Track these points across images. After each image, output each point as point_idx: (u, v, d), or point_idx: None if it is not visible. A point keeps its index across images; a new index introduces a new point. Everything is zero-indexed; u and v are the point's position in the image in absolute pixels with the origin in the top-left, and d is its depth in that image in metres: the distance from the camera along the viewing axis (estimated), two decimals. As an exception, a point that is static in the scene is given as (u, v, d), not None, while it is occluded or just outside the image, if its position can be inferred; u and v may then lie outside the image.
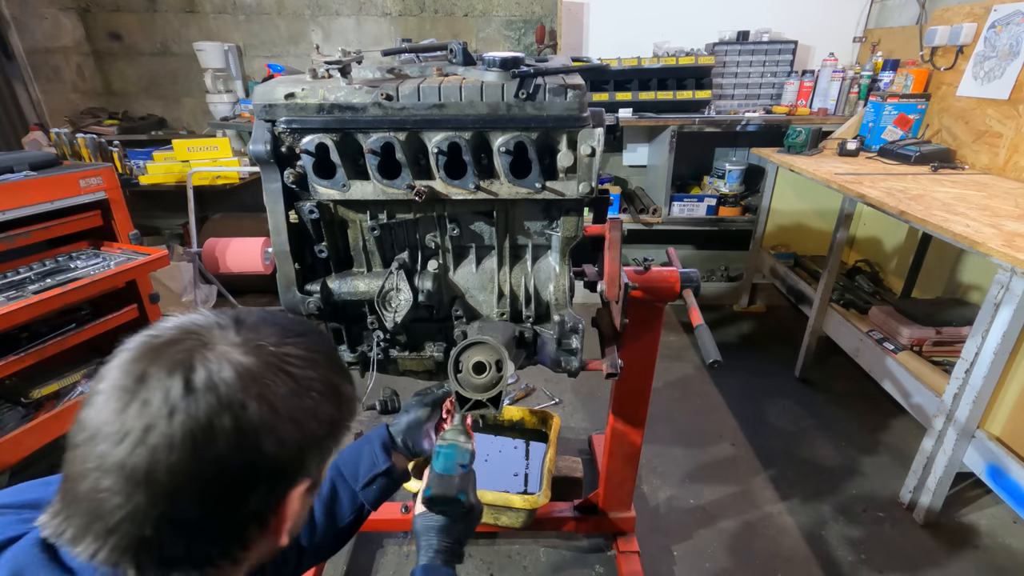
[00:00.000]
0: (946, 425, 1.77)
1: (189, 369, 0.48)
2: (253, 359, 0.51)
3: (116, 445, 0.45)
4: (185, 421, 0.46)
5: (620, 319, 1.16)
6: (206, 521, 0.49)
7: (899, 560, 1.79)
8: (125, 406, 0.46)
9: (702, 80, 2.99)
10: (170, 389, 0.46)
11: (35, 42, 3.34)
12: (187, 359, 0.48)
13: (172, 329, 0.52)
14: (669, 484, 2.10)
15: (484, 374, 0.92)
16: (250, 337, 0.53)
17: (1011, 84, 2.23)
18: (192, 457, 0.46)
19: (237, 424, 0.47)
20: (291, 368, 0.53)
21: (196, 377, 0.47)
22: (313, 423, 0.54)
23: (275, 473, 0.52)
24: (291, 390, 0.52)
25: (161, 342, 0.50)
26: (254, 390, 0.49)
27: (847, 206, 2.40)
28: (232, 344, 0.51)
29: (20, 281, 1.87)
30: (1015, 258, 1.44)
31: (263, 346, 0.53)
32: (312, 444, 0.54)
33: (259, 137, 0.92)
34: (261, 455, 0.49)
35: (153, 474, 0.45)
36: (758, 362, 2.89)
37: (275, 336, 0.55)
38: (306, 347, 0.56)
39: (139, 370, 0.48)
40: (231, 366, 0.49)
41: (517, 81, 0.90)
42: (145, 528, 0.46)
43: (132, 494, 0.45)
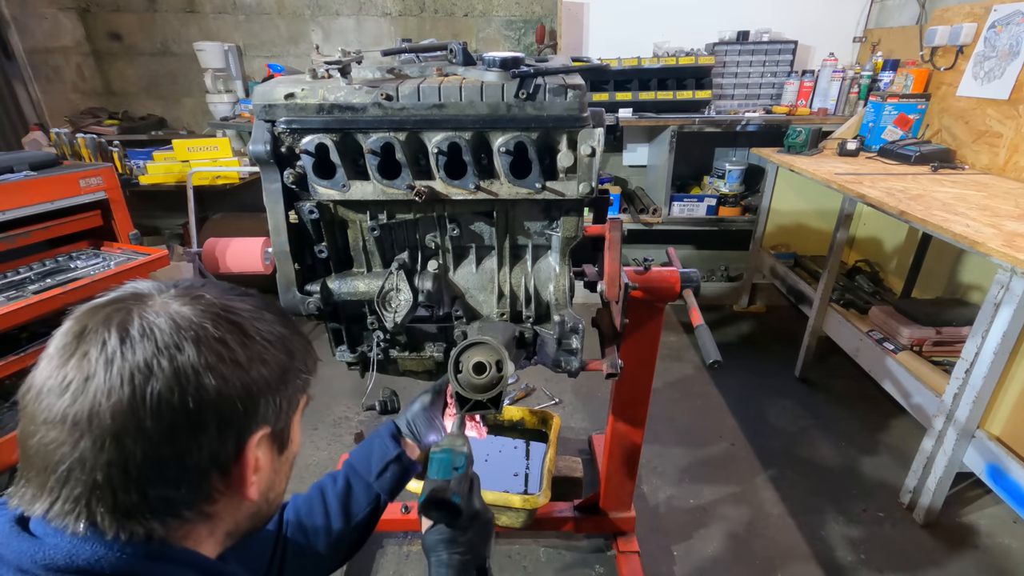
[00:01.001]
0: (946, 425, 1.77)
1: (126, 321, 0.49)
2: (191, 308, 0.52)
3: (59, 397, 0.47)
4: (122, 367, 0.47)
5: (620, 319, 1.15)
6: (157, 464, 0.49)
7: (899, 560, 1.79)
8: (65, 361, 0.48)
9: (702, 80, 2.99)
10: (107, 340, 0.47)
11: (35, 42, 3.34)
12: (124, 314, 0.50)
13: (114, 292, 0.54)
14: (669, 484, 2.10)
15: (484, 374, 0.92)
16: (190, 293, 0.54)
17: (1011, 84, 2.23)
18: (132, 397, 0.46)
19: (174, 365, 0.48)
20: (235, 318, 0.54)
21: (132, 328, 0.48)
22: (260, 367, 0.54)
23: (223, 414, 0.51)
24: (235, 337, 0.53)
25: (101, 302, 0.52)
26: (190, 334, 0.50)
27: (847, 206, 2.40)
28: (170, 298, 0.53)
29: (20, 281, 1.87)
30: (1015, 258, 1.44)
31: (202, 296, 0.54)
32: (262, 388, 0.54)
33: (259, 137, 0.92)
34: (203, 393, 0.49)
35: (95, 418, 0.46)
36: (758, 362, 2.89)
37: (218, 293, 0.56)
38: (252, 303, 0.57)
39: (78, 328, 0.49)
40: (167, 315, 0.50)
41: (517, 81, 0.89)
42: (96, 473, 0.46)
43: (78, 441, 0.46)
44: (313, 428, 2.40)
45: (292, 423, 0.62)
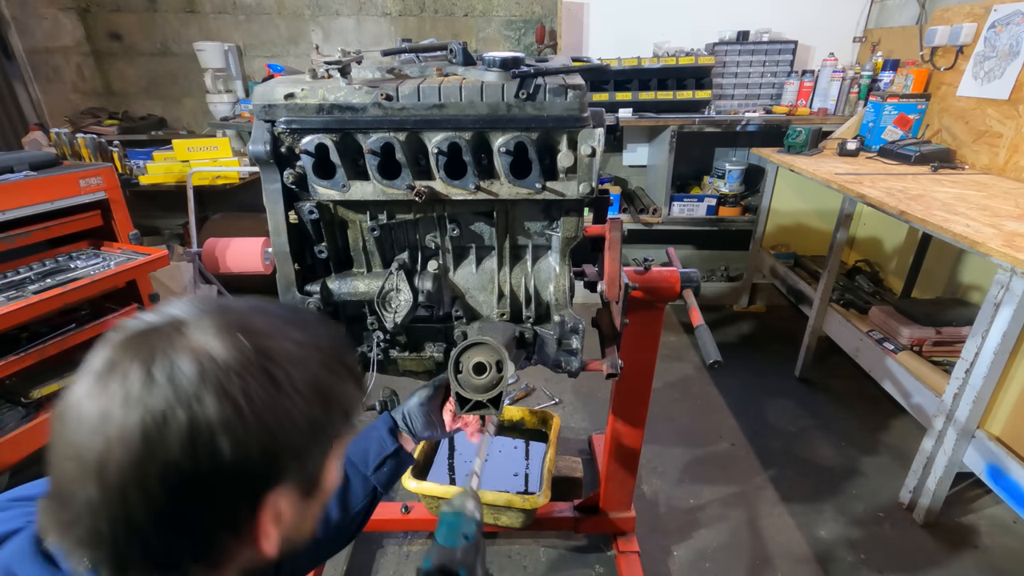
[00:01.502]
0: (946, 425, 1.77)
1: (152, 358, 0.46)
2: (224, 352, 0.47)
3: (77, 427, 0.45)
4: (140, 412, 0.44)
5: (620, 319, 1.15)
6: (161, 525, 0.46)
7: (899, 560, 1.79)
8: (91, 392, 0.46)
9: (702, 80, 2.99)
10: (131, 378, 0.45)
11: (35, 42, 3.34)
12: (155, 348, 0.47)
13: (157, 316, 0.50)
14: (669, 484, 2.10)
15: (484, 375, 0.93)
16: (231, 327, 0.49)
17: (1011, 84, 2.23)
18: (142, 452, 0.44)
19: (192, 421, 0.44)
20: (269, 364, 0.49)
21: (157, 368, 0.45)
22: (288, 427, 0.49)
23: (237, 479, 0.47)
24: (264, 389, 0.48)
25: (140, 329, 0.49)
26: (216, 386, 0.46)
27: (847, 206, 2.40)
28: (208, 334, 0.48)
29: (20, 281, 1.87)
30: (1015, 258, 1.44)
31: (240, 339, 0.49)
32: (284, 447, 0.50)
33: (259, 137, 0.92)
34: (217, 458, 0.45)
35: (104, 465, 0.44)
36: (758, 362, 2.89)
37: (262, 328, 0.51)
38: (297, 342, 0.52)
39: (111, 357, 0.47)
40: (195, 358, 0.46)
41: (517, 81, 0.89)
42: (100, 523, 0.45)
43: (85, 484, 0.44)
44: (313, 428, 2.40)
45: (324, 468, 0.57)
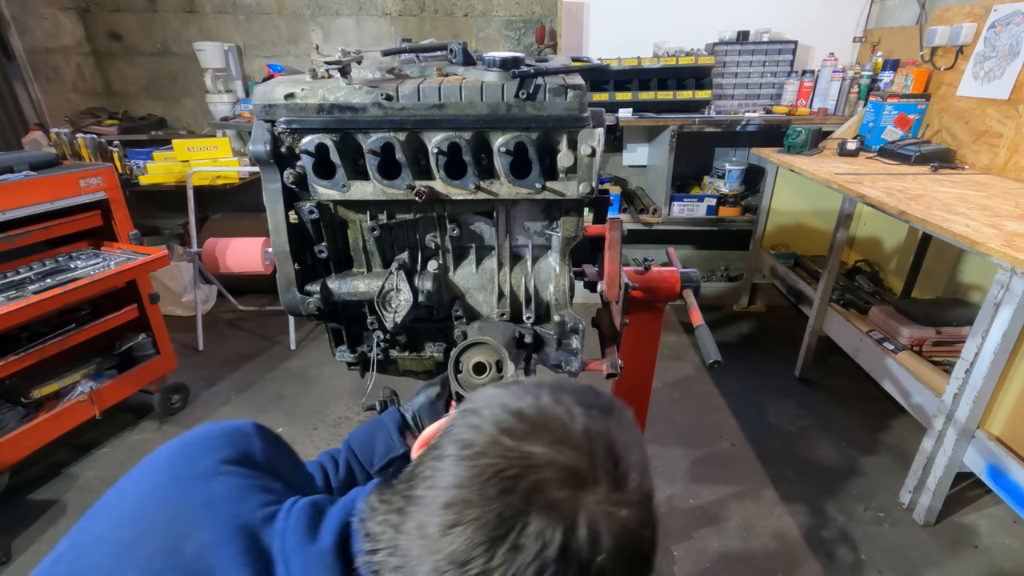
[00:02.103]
0: (946, 425, 1.77)
1: (571, 528, 0.40)
2: (624, 535, 0.43)
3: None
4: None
5: (620, 319, 1.15)
6: None
7: (899, 560, 1.79)
8: (494, 542, 0.40)
9: (702, 80, 2.99)
10: (548, 547, 0.40)
11: (35, 42, 3.34)
12: (570, 513, 0.41)
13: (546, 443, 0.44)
14: (669, 484, 2.10)
15: (484, 374, 0.93)
16: (623, 497, 0.45)
17: (1011, 84, 2.23)
18: None
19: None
20: (647, 550, 0.46)
21: (575, 542, 0.40)
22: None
23: None
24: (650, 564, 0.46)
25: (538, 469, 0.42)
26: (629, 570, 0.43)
27: (847, 206, 2.40)
28: (607, 504, 0.43)
29: (20, 281, 1.87)
30: (1015, 258, 1.44)
31: (631, 517, 0.44)
32: None
33: (259, 137, 0.92)
34: None
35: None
36: (758, 362, 2.89)
37: (638, 496, 0.46)
38: (652, 501, 0.49)
39: (520, 507, 0.41)
40: (613, 543, 0.41)
41: (517, 81, 0.89)
42: None
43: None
44: (313, 428, 2.40)
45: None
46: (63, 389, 2.12)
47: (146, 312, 2.30)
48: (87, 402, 2.08)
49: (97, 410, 2.11)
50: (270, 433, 0.64)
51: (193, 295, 3.11)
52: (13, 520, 1.91)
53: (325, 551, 0.48)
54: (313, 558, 0.48)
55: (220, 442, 0.58)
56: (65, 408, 2.03)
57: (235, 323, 3.30)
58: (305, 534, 0.49)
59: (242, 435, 0.60)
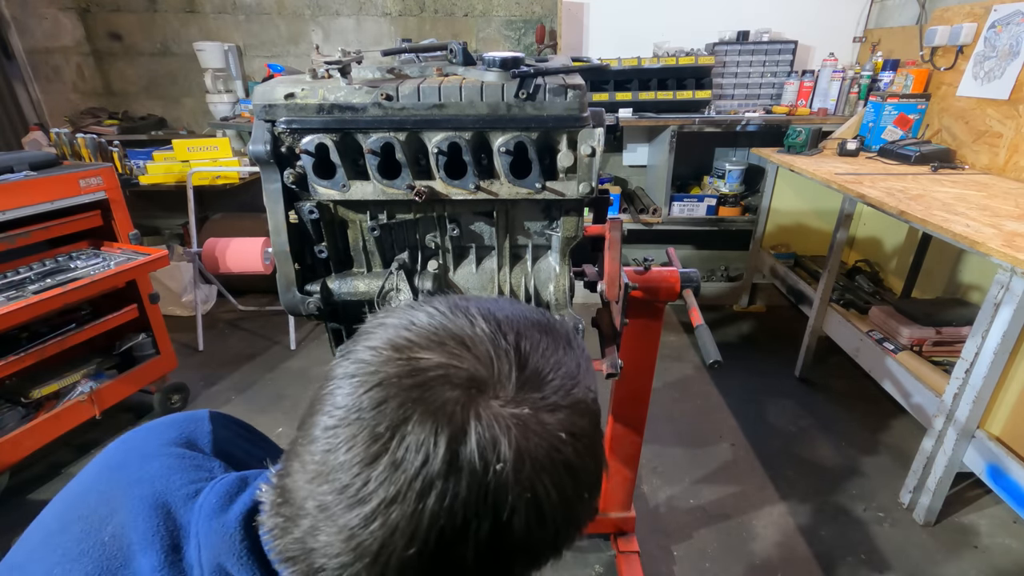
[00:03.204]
0: (946, 425, 1.77)
1: (459, 436, 0.36)
2: (537, 441, 0.38)
3: (348, 509, 0.36)
4: (434, 510, 0.35)
5: (620, 319, 1.15)
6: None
7: (899, 560, 1.79)
8: (371, 459, 0.36)
9: (702, 80, 2.99)
10: (431, 459, 0.35)
11: (35, 42, 3.34)
12: (458, 418, 0.36)
13: (441, 352, 0.39)
14: (669, 484, 2.10)
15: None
16: (535, 396, 0.39)
17: (1011, 84, 2.23)
18: (430, 554, 0.36)
19: (495, 533, 0.36)
20: (574, 459, 0.39)
21: (465, 451, 0.36)
22: (579, 529, 0.42)
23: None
24: (562, 494, 0.39)
25: (426, 376, 0.38)
26: (527, 494, 0.37)
27: (847, 206, 2.40)
28: (513, 403, 0.38)
29: (20, 281, 1.88)
30: (1015, 258, 1.44)
31: (548, 421, 0.39)
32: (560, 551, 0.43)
33: (259, 137, 0.92)
34: (504, 567, 0.39)
35: (380, 559, 0.36)
36: (758, 362, 2.89)
37: (564, 396, 0.41)
38: (589, 412, 0.43)
39: (397, 415, 0.36)
40: (510, 447, 0.36)
41: (517, 81, 0.89)
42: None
43: (352, 566, 0.37)
44: (313, 428, 2.40)
45: None
46: (63, 389, 2.12)
47: (146, 312, 2.30)
48: (87, 402, 2.08)
49: (97, 410, 2.11)
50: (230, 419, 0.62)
51: (193, 295, 3.11)
52: (13, 520, 1.91)
53: (230, 522, 0.45)
54: (217, 530, 0.45)
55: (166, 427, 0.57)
56: (65, 408, 2.03)
57: (235, 323, 3.30)
58: (218, 507, 0.47)
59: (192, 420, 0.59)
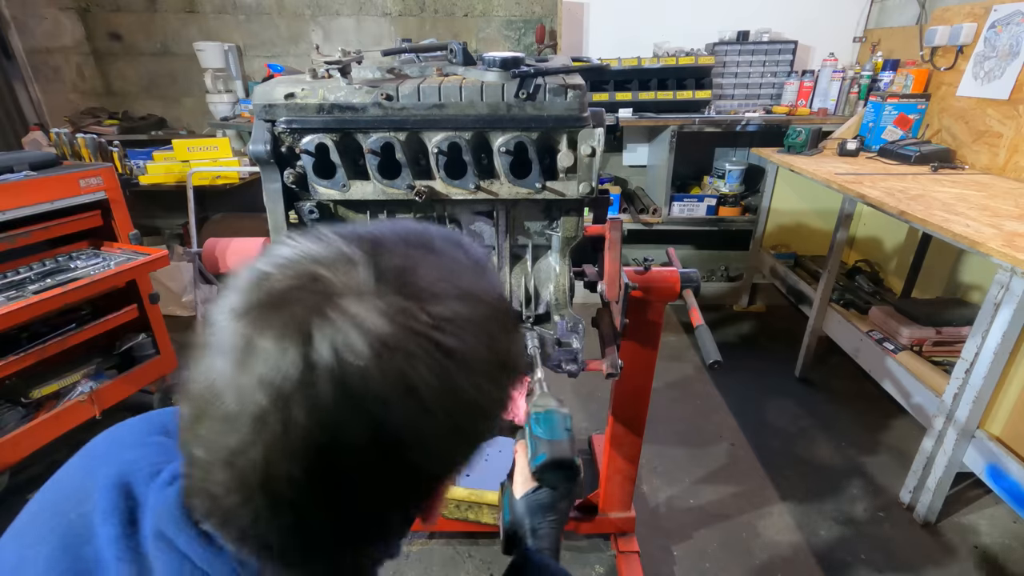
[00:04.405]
0: (946, 425, 1.77)
1: (306, 341, 0.34)
2: (396, 329, 0.36)
3: (224, 434, 0.35)
4: (304, 420, 0.34)
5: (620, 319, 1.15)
6: (341, 533, 0.40)
7: (899, 560, 1.79)
8: (232, 381, 0.35)
9: (702, 80, 2.99)
10: (283, 372, 0.34)
11: (35, 42, 3.34)
12: (304, 324, 0.35)
13: (289, 266, 0.38)
14: (669, 484, 2.10)
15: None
16: (391, 289, 0.37)
17: (1011, 84, 2.23)
18: (316, 466, 0.35)
19: (375, 429, 0.35)
20: (447, 340, 0.37)
21: (316, 356, 0.34)
22: (478, 419, 0.41)
23: (428, 477, 0.42)
24: (446, 374, 0.37)
25: (274, 290, 0.37)
26: (398, 380, 0.35)
27: (847, 206, 2.40)
28: (366, 295, 0.36)
29: (20, 281, 1.87)
30: (1015, 258, 1.44)
31: (411, 309, 0.37)
32: (475, 440, 0.43)
33: (259, 137, 0.92)
34: (403, 462, 0.38)
35: (271, 481, 0.35)
36: (758, 362, 2.89)
37: (426, 284, 0.39)
38: (470, 299, 0.40)
39: (247, 333, 0.35)
40: (364, 340, 0.35)
41: (517, 81, 0.90)
42: (269, 535, 0.38)
43: (249, 499, 0.36)
44: (313, 428, 2.40)
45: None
46: (63, 389, 2.11)
47: (146, 312, 2.30)
48: (87, 402, 2.08)
49: (97, 410, 2.11)
50: None
51: (193, 295, 3.11)
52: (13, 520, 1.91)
53: (172, 492, 0.45)
54: (163, 502, 0.45)
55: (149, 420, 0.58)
56: (65, 408, 2.03)
57: (235, 323, 3.29)
58: (168, 481, 0.47)
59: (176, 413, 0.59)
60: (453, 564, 1.78)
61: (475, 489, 1.67)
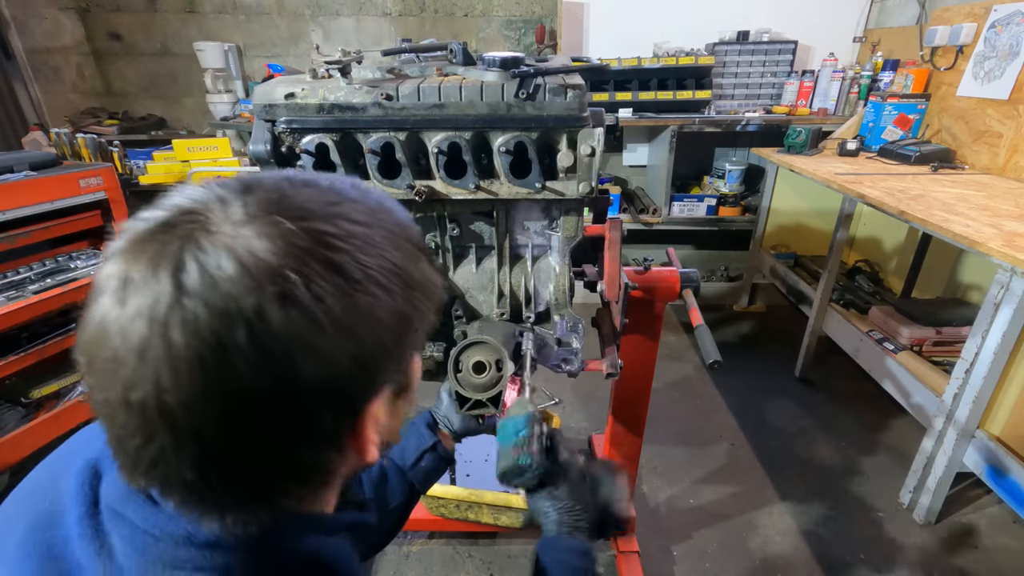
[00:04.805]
0: (946, 425, 1.77)
1: (178, 266, 0.35)
2: (268, 243, 0.36)
3: (116, 373, 0.36)
4: (184, 341, 0.34)
5: (620, 319, 1.16)
6: (253, 457, 0.39)
7: (899, 560, 1.79)
8: (113, 319, 0.35)
9: (702, 80, 2.99)
10: (157, 297, 0.34)
11: (35, 42, 3.34)
12: (176, 251, 0.35)
13: (166, 207, 0.39)
14: (669, 484, 2.10)
15: (484, 374, 0.93)
16: (268, 211, 0.38)
17: (1011, 84, 2.23)
18: (206, 387, 0.35)
19: (255, 340, 0.35)
20: (331, 253, 0.38)
21: (188, 277, 0.35)
22: (373, 326, 0.40)
23: (330, 395, 0.39)
24: (332, 287, 0.37)
25: (149, 228, 0.37)
26: (272, 289, 0.35)
27: (847, 206, 2.40)
28: (238, 223, 0.37)
29: (20, 281, 1.88)
30: (1015, 258, 1.44)
31: (282, 223, 0.37)
32: (378, 352, 0.41)
33: (259, 137, 0.92)
34: (300, 377, 0.37)
35: (165, 410, 0.35)
36: (758, 362, 2.89)
37: (307, 206, 0.39)
38: (354, 220, 0.41)
39: (123, 271, 0.36)
40: (234, 256, 0.35)
41: (517, 81, 0.90)
42: (183, 469, 0.37)
43: (152, 433, 0.36)
44: (313, 428, 2.40)
45: (414, 363, 0.50)
46: (63, 389, 2.11)
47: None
48: (87, 402, 2.08)
49: (97, 410, 2.11)
50: None
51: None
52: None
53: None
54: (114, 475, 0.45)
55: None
56: (65, 408, 2.03)
57: (235, 323, 3.30)
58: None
59: None
60: (453, 564, 1.78)
61: (475, 489, 1.67)
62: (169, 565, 0.41)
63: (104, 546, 0.43)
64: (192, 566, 0.41)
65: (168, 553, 0.42)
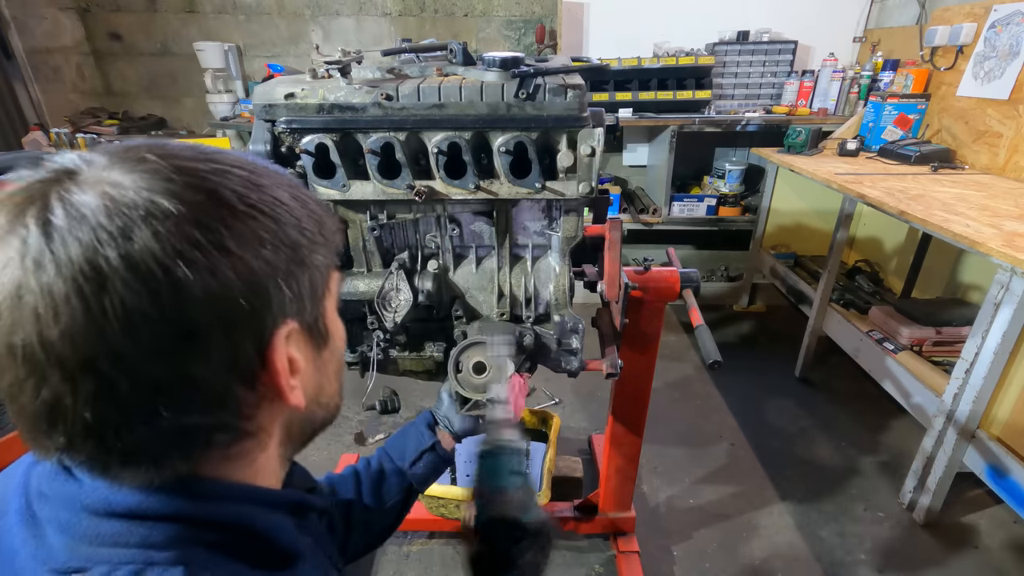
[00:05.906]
0: (946, 425, 1.77)
1: (45, 208, 0.35)
2: (135, 176, 0.37)
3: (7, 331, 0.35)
4: (57, 271, 0.34)
5: (620, 319, 1.16)
6: (153, 389, 0.38)
7: (899, 560, 1.79)
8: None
9: (702, 80, 2.99)
10: (27, 238, 0.35)
11: (35, 42, 3.34)
12: (41, 197, 0.36)
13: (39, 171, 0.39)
14: (669, 484, 2.10)
15: (484, 374, 0.93)
16: (133, 154, 0.39)
17: (1011, 84, 2.23)
18: (88, 312, 0.34)
19: (127, 259, 0.35)
20: (200, 181, 0.39)
21: (54, 215, 0.35)
22: (256, 247, 0.40)
23: (222, 314, 0.38)
24: (207, 210, 0.38)
25: (19, 185, 0.38)
26: (138, 212, 0.35)
27: (847, 206, 2.40)
28: (105, 167, 0.38)
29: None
30: (1015, 258, 1.44)
31: (151, 159, 0.38)
32: (267, 273, 0.40)
33: (259, 137, 0.93)
34: (184, 293, 0.36)
35: (50, 348, 0.35)
36: (758, 362, 2.89)
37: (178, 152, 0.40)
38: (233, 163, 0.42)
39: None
40: (99, 191, 0.36)
41: (517, 81, 0.90)
42: (83, 412, 0.36)
43: (43, 379, 0.35)
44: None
45: (325, 310, 0.49)
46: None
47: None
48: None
49: (97, 410, 2.11)
50: None
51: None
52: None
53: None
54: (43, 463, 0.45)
55: None
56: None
57: (235, 323, 3.30)
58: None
59: None
60: (453, 564, 1.78)
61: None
62: (94, 542, 0.40)
63: (38, 531, 0.43)
64: (113, 541, 0.40)
65: (91, 529, 0.41)
